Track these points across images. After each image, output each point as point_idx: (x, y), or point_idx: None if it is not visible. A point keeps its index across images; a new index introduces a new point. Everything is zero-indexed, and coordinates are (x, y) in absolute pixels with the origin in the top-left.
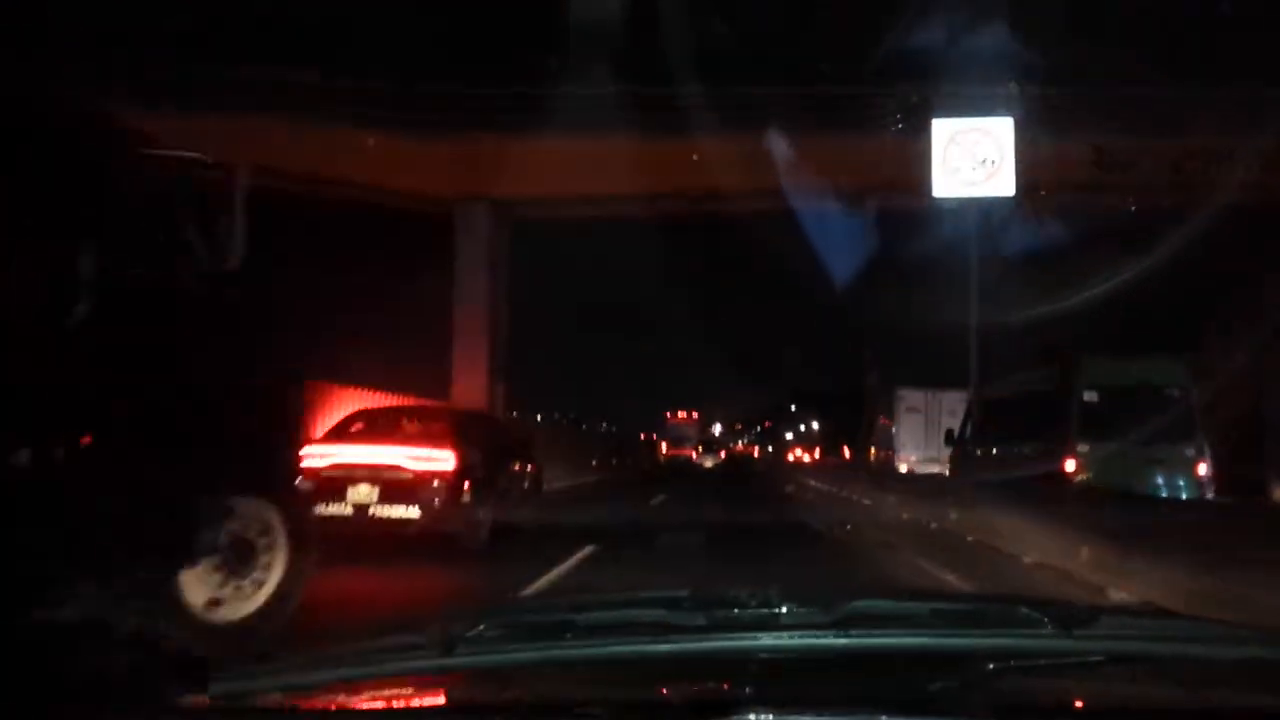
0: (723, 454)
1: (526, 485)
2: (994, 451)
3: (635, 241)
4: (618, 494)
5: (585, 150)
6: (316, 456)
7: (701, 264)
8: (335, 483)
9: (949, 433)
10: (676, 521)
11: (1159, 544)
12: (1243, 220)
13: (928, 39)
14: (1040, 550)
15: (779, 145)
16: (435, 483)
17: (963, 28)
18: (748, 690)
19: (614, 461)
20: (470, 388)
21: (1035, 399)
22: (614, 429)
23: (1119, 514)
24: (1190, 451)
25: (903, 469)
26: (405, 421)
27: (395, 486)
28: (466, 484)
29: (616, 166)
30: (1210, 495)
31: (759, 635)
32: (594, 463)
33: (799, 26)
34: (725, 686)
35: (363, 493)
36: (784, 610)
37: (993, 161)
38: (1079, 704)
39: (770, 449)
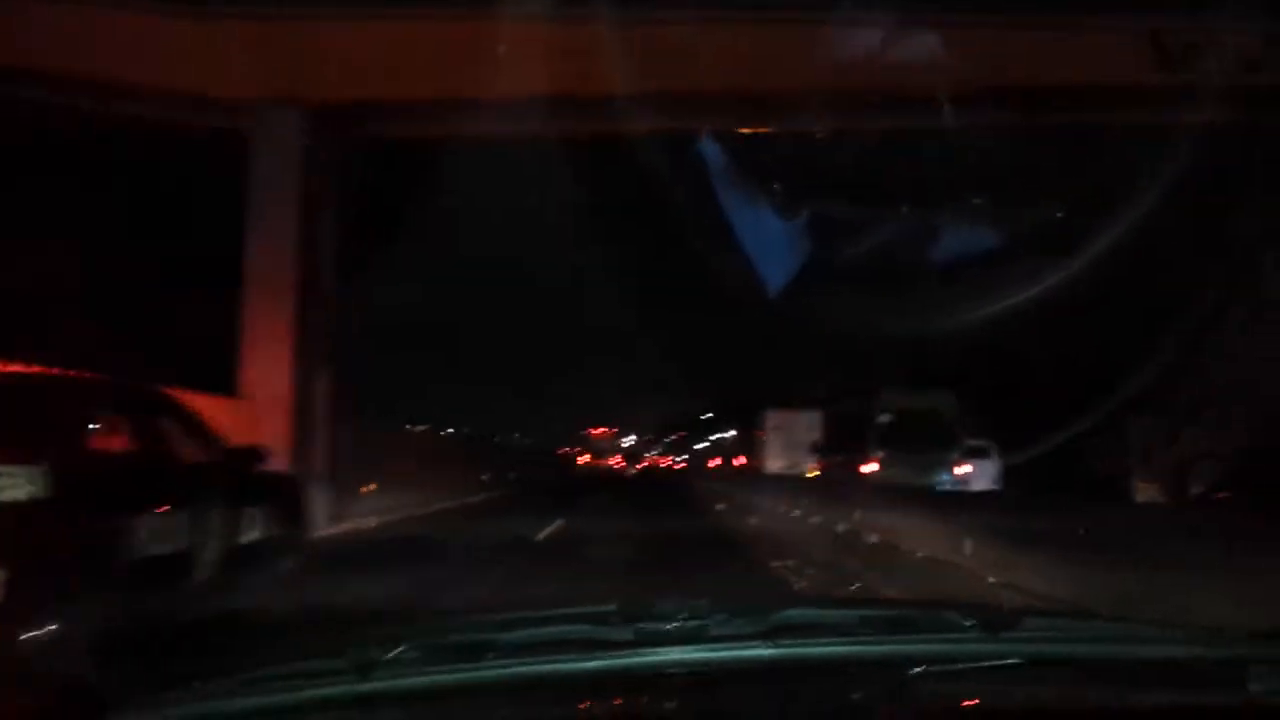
0: (641, 465)
1: (260, 534)
2: (835, 458)
3: (546, 222)
4: (498, 518)
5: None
6: None
7: (616, 268)
8: None
9: (814, 443)
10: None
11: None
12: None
13: None
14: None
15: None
16: None
17: None
18: (672, 706)
19: (511, 477)
20: (269, 375)
21: (854, 419)
22: (527, 442)
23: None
24: (953, 456)
25: (772, 472)
26: None
27: None
28: None
29: (498, 61)
30: (989, 487)
31: (687, 649)
32: (484, 478)
33: None
34: (650, 703)
35: None
36: (712, 622)
37: None
38: (999, 707)
39: (686, 458)
